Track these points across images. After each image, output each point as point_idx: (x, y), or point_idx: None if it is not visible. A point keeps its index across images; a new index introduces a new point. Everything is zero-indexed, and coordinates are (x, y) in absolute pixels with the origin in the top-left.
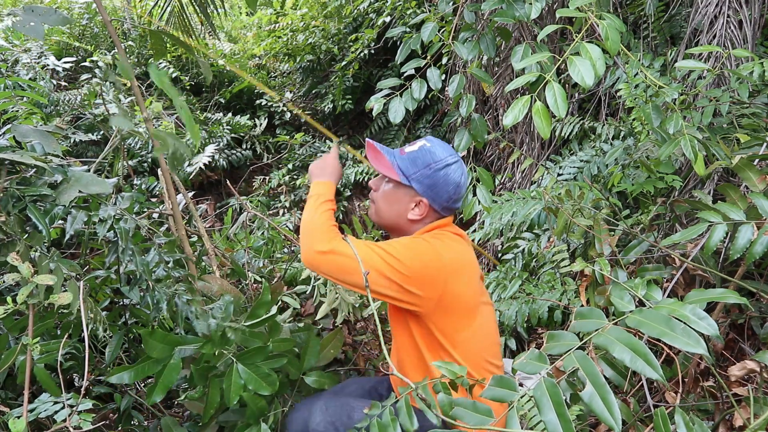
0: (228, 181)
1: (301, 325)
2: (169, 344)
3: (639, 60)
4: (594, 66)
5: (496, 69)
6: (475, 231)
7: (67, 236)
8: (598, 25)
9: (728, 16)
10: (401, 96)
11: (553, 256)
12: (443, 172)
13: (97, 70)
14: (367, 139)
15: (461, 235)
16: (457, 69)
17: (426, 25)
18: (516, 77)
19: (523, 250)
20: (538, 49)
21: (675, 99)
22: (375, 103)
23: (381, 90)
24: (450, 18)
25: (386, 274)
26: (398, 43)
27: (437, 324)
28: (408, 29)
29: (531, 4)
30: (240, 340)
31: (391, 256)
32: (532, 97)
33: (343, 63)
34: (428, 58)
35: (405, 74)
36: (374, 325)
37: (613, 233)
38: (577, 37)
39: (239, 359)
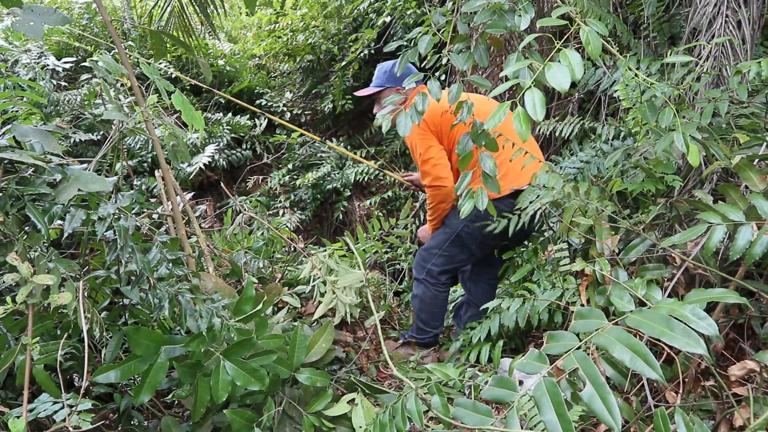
0: (226, 182)
1: (296, 324)
2: (155, 342)
3: (637, 60)
4: (572, 71)
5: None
6: None
7: (66, 235)
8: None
9: (727, 16)
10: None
11: (555, 253)
12: (391, 68)
13: (95, 70)
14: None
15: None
16: (451, 74)
17: (422, 38)
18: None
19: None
20: (530, 56)
21: (669, 95)
22: (383, 121)
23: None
24: (445, 28)
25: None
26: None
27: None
28: (405, 43)
29: (520, 16)
30: (227, 336)
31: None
32: (513, 102)
33: (343, 63)
34: (427, 69)
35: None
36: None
37: (615, 233)
38: (558, 43)
39: (226, 355)
